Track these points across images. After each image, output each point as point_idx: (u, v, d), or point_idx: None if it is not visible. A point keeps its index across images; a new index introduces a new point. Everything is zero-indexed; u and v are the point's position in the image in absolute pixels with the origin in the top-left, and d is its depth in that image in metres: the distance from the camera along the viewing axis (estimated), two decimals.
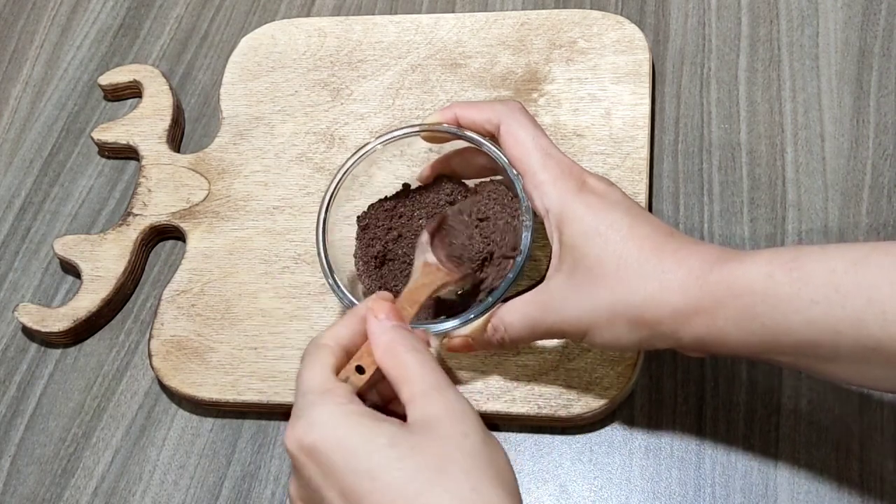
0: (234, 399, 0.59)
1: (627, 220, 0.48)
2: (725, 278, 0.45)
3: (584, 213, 0.49)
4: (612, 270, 0.47)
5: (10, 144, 0.75)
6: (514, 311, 0.51)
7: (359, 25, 0.72)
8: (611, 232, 0.48)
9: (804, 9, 0.67)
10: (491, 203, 0.55)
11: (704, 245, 0.48)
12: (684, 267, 0.46)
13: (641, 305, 0.46)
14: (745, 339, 0.45)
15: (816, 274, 0.42)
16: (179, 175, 0.68)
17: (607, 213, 0.49)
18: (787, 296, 0.43)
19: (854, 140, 0.62)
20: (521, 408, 0.55)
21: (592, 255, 0.48)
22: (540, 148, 0.52)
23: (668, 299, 0.46)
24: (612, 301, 0.47)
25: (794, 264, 0.43)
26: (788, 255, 0.44)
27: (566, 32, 0.67)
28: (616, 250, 0.47)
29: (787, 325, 0.43)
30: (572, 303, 0.48)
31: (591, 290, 0.48)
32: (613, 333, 0.48)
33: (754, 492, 0.52)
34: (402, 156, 0.61)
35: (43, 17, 0.81)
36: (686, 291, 0.45)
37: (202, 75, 0.75)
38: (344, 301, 0.54)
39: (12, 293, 0.68)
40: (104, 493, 0.59)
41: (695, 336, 0.46)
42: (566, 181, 0.50)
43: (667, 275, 0.46)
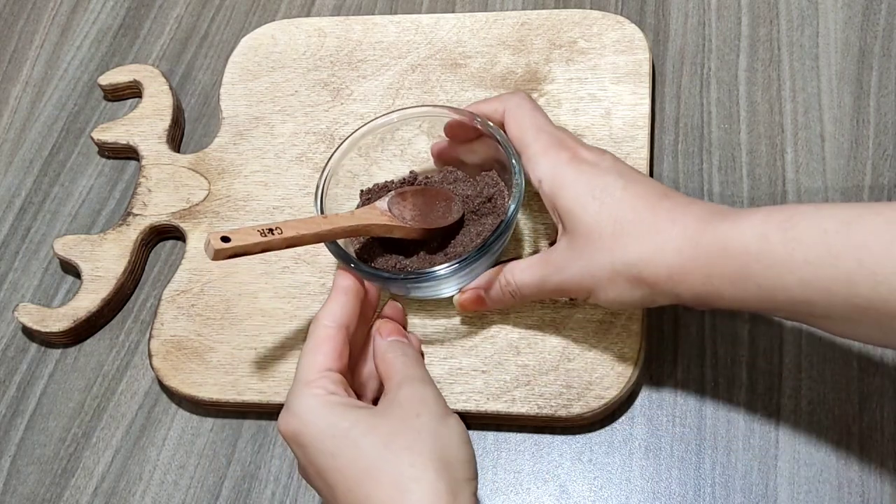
0: (234, 399, 0.59)
1: (621, 182, 0.50)
2: (719, 238, 0.46)
3: (576, 179, 0.51)
4: (609, 232, 0.49)
5: (10, 144, 0.75)
6: (525, 269, 0.53)
7: (359, 25, 0.72)
8: (604, 195, 0.49)
9: (804, 9, 0.67)
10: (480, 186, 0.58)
11: (699, 203, 0.49)
12: (678, 226, 0.47)
13: (639, 265, 0.48)
14: (740, 296, 0.46)
15: (809, 234, 0.43)
16: (179, 175, 0.68)
17: (600, 178, 0.50)
18: (780, 256, 0.43)
19: (854, 140, 0.62)
20: (521, 408, 0.55)
21: (588, 218, 0.49)
22: (535, 125, 0.54)
23: (663, 259, 0.47)
24: (610, 262, 0.49)
25: (787, 224, 0.44)
26: (782, 214, 0.45)
27: (566, 32, 0.67)
28: (611, 212, 0.49)
29: (780, 283, 0.44)
30: (575, 264, 0.50)
31: (591, 252, 0.49)
32: (615, 292, 0.49)
33: (754, 492, 0.52)
34: (403, 155, 0.61)
35: (43, 17, 0.81)
36: (681, 251, 0.47)
37: (202, 75, 0.75)
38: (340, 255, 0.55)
39: (12, 293, 0.68)
40: (104, 493, 0.59)
41: (693, 293, 0.47)
42: (558, 152, 0.52)
43: (662, 235, 0.47)
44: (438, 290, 0.57)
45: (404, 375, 0.50)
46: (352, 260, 0.55)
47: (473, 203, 0.58)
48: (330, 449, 0.47)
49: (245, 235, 0.51)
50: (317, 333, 0.51)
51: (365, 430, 0.46)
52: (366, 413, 0.48)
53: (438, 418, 0.47)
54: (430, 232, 0.57)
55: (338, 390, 0.49)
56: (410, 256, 0.57)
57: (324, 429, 0.47)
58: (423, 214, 0.57)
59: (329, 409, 0.48)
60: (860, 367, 0.55)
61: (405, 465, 0.45)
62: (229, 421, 0.60)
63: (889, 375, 0.54)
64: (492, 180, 0.58)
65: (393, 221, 0.56)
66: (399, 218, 0.56)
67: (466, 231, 0.57)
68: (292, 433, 0.48)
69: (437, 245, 0.57)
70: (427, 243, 0.57)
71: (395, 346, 0.52)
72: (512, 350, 0.57)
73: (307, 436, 0.47)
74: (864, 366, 0.54)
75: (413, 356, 0.52)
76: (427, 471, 0.44)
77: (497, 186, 0.58)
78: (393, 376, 0.50)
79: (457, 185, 0.59)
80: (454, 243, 0.57)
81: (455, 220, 0.57)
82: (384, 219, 0.56)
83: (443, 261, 0.56)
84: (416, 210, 0.57)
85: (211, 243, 0.49)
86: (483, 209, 0.58)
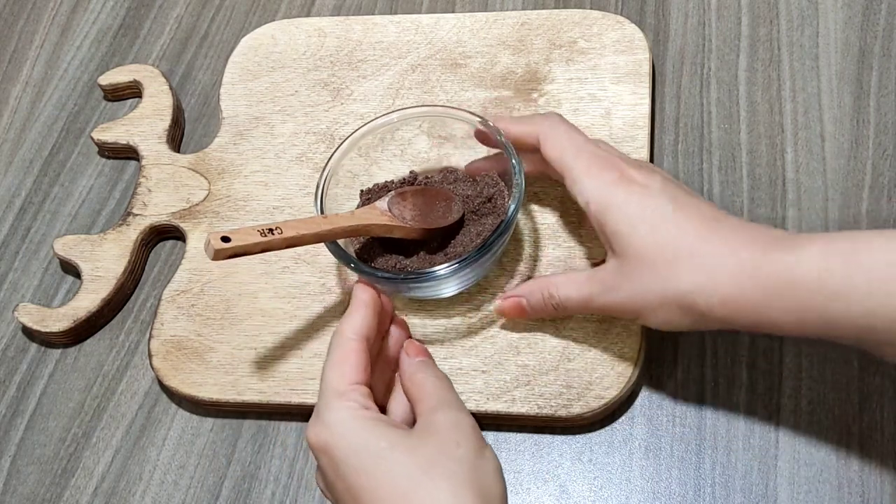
0: (234, 399, 0.59)
1: (671, 206, 0.49)
2: (779, 270, 0.45)
3: (625, 202, 0.50)
4: (661, 258, 0.48)
5: (10, 144, 0.75)
6: (571, 285, 0.53)
7: (359, 25, 0.72)
8: (655, 220, 0.49)
9: (804, 9, 0.67)
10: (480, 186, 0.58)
11: (751, 228, 0.48)
12: (733, 255, 0.46)
13: (693, 293, 0.47)
14: (799, 326, 0.45)
15: (873, 266, 0.43)
16: (179, 175, 0.68)
17: (650, 200, 0.49)
18: (843, 289, 0.43)
19: (854, 140, 0.62)
20: (521, 408, 0.55)
21: (639, 243, 0.49)
22: (574, 145, 0.53)
23: (718, 289, 0.46)
24: (662, 288, 0.48)
25: (850, 255, 0.43)
26: (844, 244, 0.44)
27: (566, 32, 0.67)
28: (663, 238, 0.48)
29: (844, 314, 0.43)
30: (624, 288, 0.50)
31: (642, 277, 0.49)
32: (665, 317, 0.49)
33: (754, 492, 0.52)
34: (403, 155, 0.61)
35: (43, 18, 0.81)
36: (738, 283, 0.46)
37: (202, 75, 0.75)
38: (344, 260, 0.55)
39: (12, 293, 0.68)
40: (104, 493, 0.59)
41: (747, 322, 0.46)
42: (603, 172, 0.51)
43: (715, 263, 0.46)
44: (438, 291, 0.57)
45: (439, 399, 0.49)
46: (351, 260, 0.55)
47: (473, 203, 0.58)
48: (364, 466, 0.46)
49: (245, 235, 0.51)
50: (342, 345, 0.50)
51: (403, 453, 0.45)
52: (402, 434, 0.47)
53: (477, 450, 0.46)
54: (429, 232, 0.57)
55: (370, 405, 0.48)
56: (410, 256, 0.57)
57: (358, 444, 0.46)
58: (424, 214, 0.57)
59: (363, 424, 0.47)
60: (860, 367, 0.55)
61: (444, 494, 0.44)
62: (229, 421, 0.60)
63: (889, 375, 0.54)
64: (492, 180, 0.58)
65: (393, 221, 0.56)
66: (399, 218, 0.56)
67: (466, 231, 0.57)
68: (323, 445, 0.47)
69: (437, 245, 0.57)
70: (427, 243, 0.57)
71: (424, 367, 0.52)
72: (512, 350, 0.57)
73: (339, 449, 0.47)
74: (864, 366, 0.54)
75: (443, 378, 0.51)
76: (467, 503, 0.44)
77: (497, 186, 0.58)
78: (425, 398, 0.49)
79: (457, 185, 0.59)
80: (454, 243, 0.57)
81: (455, 221, 0.57)
82: (384, 219, 0.56)
83: (443, 261, 0.56)
84: (416, 210, 0.57)
85: (211, 243, 0.49)
86: (483, 209, 0.58)
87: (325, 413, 0.48)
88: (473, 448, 0.46)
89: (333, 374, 0.49)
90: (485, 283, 0.59)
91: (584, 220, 0.59)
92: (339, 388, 0.48)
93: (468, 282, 0.57)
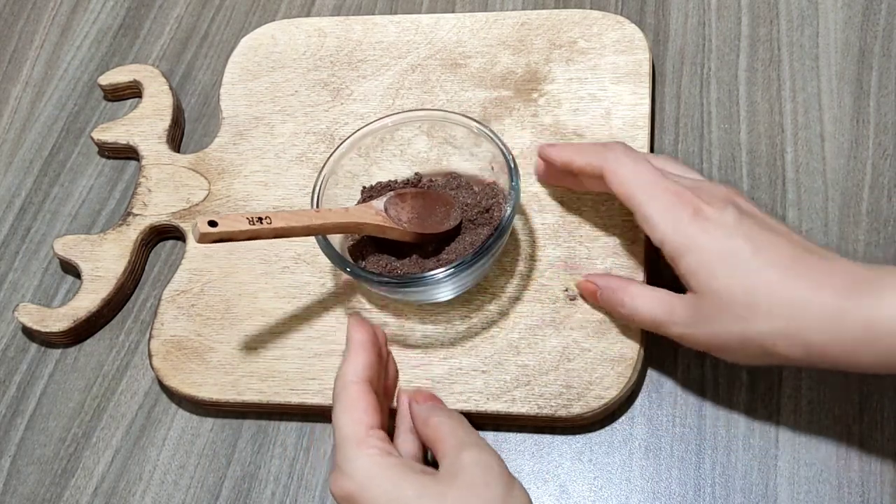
0: (233, 399, 0.59)
1: (748, 246, 0.48)
2: (862, 319, 0.44)
3: (702, 243, 0.48)
4: (741, 302, 0.47)
5: (10, 144, 0.75)
6: (647, 301, 0.52)
7: (359, 25, 0.72)
8: (732, 262, 0.47)
9: (804, 9, 0.67)
10: (480, 196, 0.58)
11: (834, 265, 0.47)
12: (816, 304, 0.45)
13: (774, 339, 0.46)
14: (883, 368, 0.45)
15: None
16: (179, 175, 0.68)
17: (728, 242, 0.48)
18: None
19: (854, 140, 0.62)
20: (521, 408, 0.55)
21: (718, 286, 0.48)
22: (643, 181, 0.51)
23: (801, 336, 0.46)
24: (741, 331, 0.47)
25: None
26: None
27: (566, 32, 0.67)
28: (742, 282, 0.47)
29: None
30: (701, 326, 0.49)
31: (720, 320, 0.48)
32: (744, 357, 0.49)
33: (754, 492, 0.52)
34: (403, 155, 0.61)
35: (43, 18, 0.81)
36: (820, 331, 0.45)
37: (202, 75, 0.75)
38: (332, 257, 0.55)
39: (12, 293, 0.68)
40: (104, 494, 0.59)
41: (830, 365, 0.46)
42: (676, 211, 0.50)
43: (797, 311, 0.46)
44: (431, 296, 0.56)
45: (459, 440, 0.49)
46: (341, 258, 0.55)
47: (471, 212, 0.58)
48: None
49: (233, 222, 0.51)
50: (349, 391, 0.50)
51: (433, 499, 0.45)
52: (430, 479, 0.47)
53: (507, 488, 0.46)
54: (423, 236, 0.57)
55: (391, 449, 0.48)
56: (403, 258, 0.57)
57: (385, 494, 0.46)
58: (421, 218, 0.57)
59: (388, 472, 0.47)
60: None
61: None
62: (229, 421, 0.60)
63: (889, 376, 0.54)
64: (491, 191, 0.58)
65: (386, 222, 0.56)
66: (395, 219, 0.56)
67: (461, 239, 0.57)
68: (348, 496, 0.47)
69: (431, 249, 0.57)
70: (421, 247, 0.57)
71: (436, 411, 0.52)
72: (512, 350, 0.57)
73: (366, 500, 0.46)
74: None
75: (458, 417, 0.51)
76: None
77: (496, 198, 0.58)
78: (445, 439, 0.49)
79: (458, 191, 0.59)
80: (448, 250, 0.57)
81: (451, 228, 0.57)
82: (378, 219, 0.56)
83: (434, 266, 0.56)
84: (413, 213, 0.57)
85: (198, 226, 0.50)
86: (480, 219, 0.58)
87: (346, 464, 0.48)
88: (503, 486, 0.46)
89: (346, 421, 0.49)
90: (485, 283, 0.59)
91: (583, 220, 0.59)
92: (357, 435, 0.48)
93: (463, 287, 0.57)
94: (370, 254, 0.57)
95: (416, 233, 0.56)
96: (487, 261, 0.55)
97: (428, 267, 0.56)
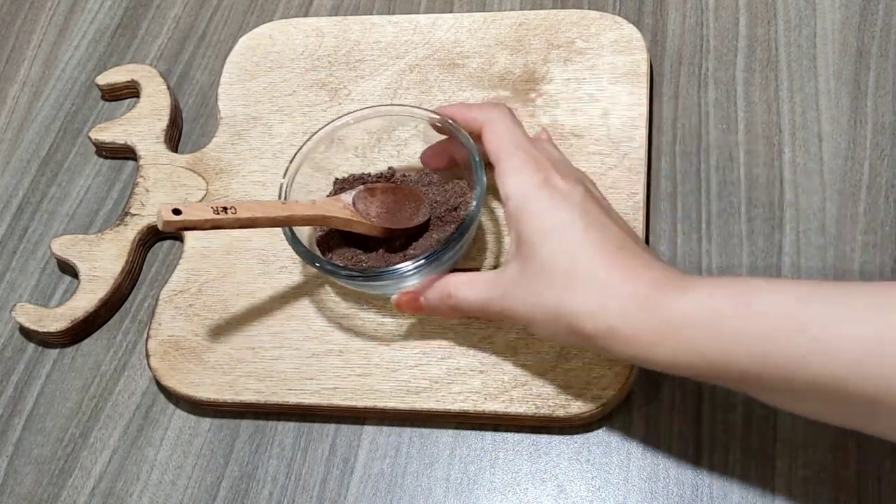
0: (231, 399, 0.59)
1: (582, 223, 0.49)
2: (667, 309, 0.45)
3: (541, 208, 0.50)
4: (561, 273, 0.48)
5: (7, 144, 0.74)
6: (470, 285, 0.53)
7: (357, 25, 0.72)
8: (565, 233, 0.49)
9: (802, 9, 0.67)
10: (449, 194, 0.59)
11: (654, 264, 0.48)
12: (628, 287, 0.46)
13: (582, 317, 0.47)
14: (684, 367, 0.45)
15: (764, 311, 0.42)
16: (177, 175, 0.68)
17: (564, 213, 0.49)
18: (731, 331, 0.43)
19: (851, 140, 0.62)
20: (518, 408, 0.55)
21: (545, 253, 0.49)
22: (512, 141, 0.54)
23: (606, 318, 0.46)
24: (556, 304, 0.48)
25: (742, 300, 0.43)
26: (735, 288, 0.44)
27: (564, 32, 0.67)
28: (567, 254, 0.48)
29: (730, 358, 0.43)
30: (521, 295, 0.50)
31: (540, 288, 0.49)
32: (553, 332, 0.49)
33: (752, 492, 0.52)
34: (376, 148, 0.61)
35: (40, 17, 0.81)
36: (626, 316, 0.46)
37: (200, 75, 0.75)
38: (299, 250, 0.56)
39: (10, 293, 0.68)
40: (102, 494, 0.59)
41: (631, 355, 0.46)
42: (530, 173, 0.51)
43: (609, 293, 0.46)
44: (393, 290, 0.57)
45: None
46: (306, 251, 0.55)
47: (440, 210, 0.58)
48: None
49: (197, 211, 0.51)
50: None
51: None
52: None
53: None
54: (391, 231, 0.57)
55: None
56: (370, 252, 0.57)
57: None
58: (390, 213, 0.57)
59: None
60: None
61: None
62: (227, 421, 0.60)
63: None
64: (460, 189, 0.59)
65: (354, 216, 0.56)
66: (363, 213, 0.56)
67: (428, 236, 0.57)
68: None
69: (399, 245, 0.58)
70: (389, 241, 0.57)
71: None
72: (510, 350, 0.57)
73: None
74: None
75: None
76: None
77: (464, 197, 0.58)
78: None
79: (430, 188, 0.60)
80: (415, 245, 0.57)
81: (419, 224, 0.57)
82: (346, 212, 0.56)
83: (400, 260, 0.56)
84: (382, 208, 0.57)
85: (161, 214, 0.50)
86: (448, 217, 0.58)
87: None
88: None
89: None
90: None
91: None
92: None
93: None
94: (338, 246, 0.58)
95: (382, 227, 0.57)
96: (452, 257, 0.55)
97: (393, 261, 0.56)
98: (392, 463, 0.57)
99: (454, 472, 0.56)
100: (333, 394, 0.57)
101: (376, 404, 0.57)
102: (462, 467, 0.56)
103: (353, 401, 0.57)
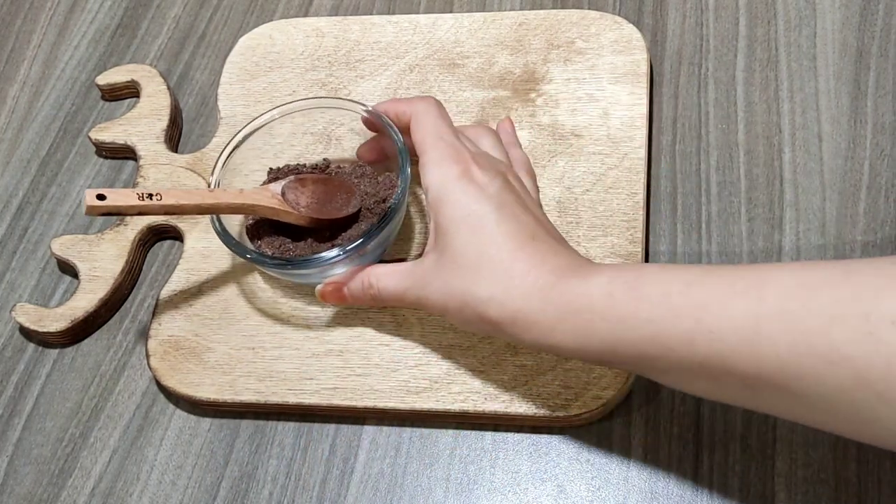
0: (231, 399, 0.59)
1: (495, 215, 0.50)
2: (566, 294, 0.46)
3: (457, 199, 0.51)
4: (471, 262, 0.49)
5: (7, 144, 0.74)
6: (390, 276, 0.54)
7: (356, 25, 0.72)
8: (477, 223, 0.50)
9: (802, 9, 0.67)
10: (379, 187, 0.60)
11: (562, 254, 0.49)
12: (532, 275, 0.47)
13: (487, 303, 0.48)
14: (582, 349, 0.46)
15: (653, 294, 0.44)
16: (177, 175, 0.68)
17: (479, 204, 0.50)
18: (624, 314, 0.44)
19: (851, 140, 0.62)
20: (518, 408, 0.55)
21: (458, 243, 0.50)
22: (436, 132, 0.54)
23: (510, 304, 0.48)
24: (464, 292, 0.49)
25: (633, 284, 0.45)
26: (630, 274, 0.46)
27: (564, 32, 0.67)
28: (478, 244, 0.49)
29: (624, 340, 0.44)
30: (435, 284, 0.51)
31: (451, 277, 0.50)
32: (464, 320, 0.51)
33: (752, 492, 0.52)
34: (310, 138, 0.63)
35: (40, 17, 0.81)
36: (528, 301, 0.47)
37: (200, 75, 0.75)
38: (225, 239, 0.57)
39: (9, 293, 0.68)
40: (101, 494, 0.59)
41: (534, 341, 0.48)
42: (450, 165, 0.52)
43: (514, 281, 0.48)
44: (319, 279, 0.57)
45: None
46: (231, 239, 0.56)
47: (370, 201, 0.59)
48: None
49: (121, 196, 0.52)
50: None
51: None
52: None
53: None
54: (318, 221, 0.57)
55: None
56: (298, 241, 0.58)
57: None
58: (320, 204, 0.58)
59: None
60: None
61: None
62: (227, 421, 0.60)
63: None
64: (390, 182, 0.59)
65: (281, 206, 0.57)
66: (293, 203, 0.57)
67: (357, 227, 0.58)
68: None
69: (328, 235, 0.58)
70: (318, 232, 0.58)
71: None
72: (510, 350, 0.57)
73: None
74: None
75: None
76: None
77: (392, 189, 0.59)
78: None
79: (362, 180, 0.61)
80: (343, 236, 0.58)
81: (348, 215, 0.58)
82: (273, 202, 0.57)
83: (327, 249, 0.57)
84: (312, 198, 0.58)
85: (86, 198, 0.51)
86: (377, 209, 0.59)
87: None
88: None
89: None
90: None
91: (582, 220, 0.59)
92: None
93: None
94: (267, 234, 0.59)
95: (310, 217, 0.57)
96: (376, 246, 0.56)
97: (321, 250, 0.57)
98: (392, 463, 0.57)
99: (454, 472, 0.56)
100: (333, 394, 0.57)
101: (376, 404, 0.57)
102: (462, 467, 0.56)
103: (353, 401, 0.57)
